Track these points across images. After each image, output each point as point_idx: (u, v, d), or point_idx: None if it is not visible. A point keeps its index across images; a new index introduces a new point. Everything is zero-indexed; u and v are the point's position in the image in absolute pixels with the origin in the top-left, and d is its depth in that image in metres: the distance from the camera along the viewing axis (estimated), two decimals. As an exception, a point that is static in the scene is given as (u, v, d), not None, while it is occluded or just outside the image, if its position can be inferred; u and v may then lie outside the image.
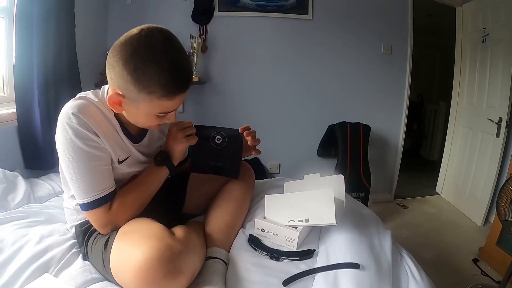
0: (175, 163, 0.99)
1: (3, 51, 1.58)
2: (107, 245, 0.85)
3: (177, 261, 0.73)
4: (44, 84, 1.57)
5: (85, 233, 0.96)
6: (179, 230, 0.83)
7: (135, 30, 0.79)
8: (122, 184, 0.98)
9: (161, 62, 0.76)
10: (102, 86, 0.94)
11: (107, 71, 0.83)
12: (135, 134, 0.98)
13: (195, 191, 1.16)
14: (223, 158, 1.03)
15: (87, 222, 0.96)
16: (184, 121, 0.97)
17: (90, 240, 0.93)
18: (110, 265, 0.81)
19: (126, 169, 0.97)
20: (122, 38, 0.80)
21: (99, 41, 2.35)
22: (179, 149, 0.97)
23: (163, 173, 0.98)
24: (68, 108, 0.83)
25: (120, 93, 0.81)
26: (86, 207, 0.86)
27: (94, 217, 0.88)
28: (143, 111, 0.84)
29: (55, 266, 0.88)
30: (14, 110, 1.52)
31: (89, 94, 0.91)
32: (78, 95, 0.90)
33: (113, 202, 0.89)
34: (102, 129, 0.87)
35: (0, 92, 1.63)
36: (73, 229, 1.02)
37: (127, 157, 0.96)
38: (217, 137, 1.01)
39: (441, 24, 3.56)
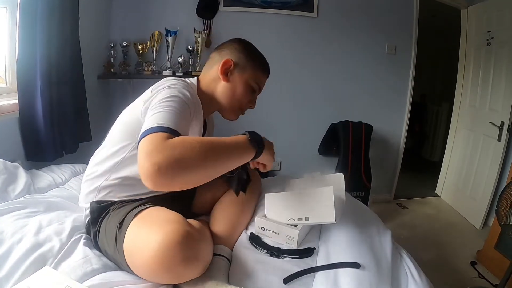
0: (260, 155, 0.89)
1: (6, 41, 1.56)
2: (122, 225, 0.85)
3: (196, 247, 0.74)
4: (47, 76, 1.56)
5: (102, 210, 0.96)
6: (194, 222, 0.85)
7: None
8: None
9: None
10: (189, 79, 1.06)
11: (222, 54, 1.09)
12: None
13: (204, 192, 1.18)
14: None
15: (106, 200, 0.98)
16: None
17: (105, 219, 0.94)
18: (124, 246, 0.81)
19: None
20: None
21: (103, 34, 2.33)
22: (267, 157, 0.94)
23: (244, 151, 0.83)
24: (171, 80, 0.94)
25: (233, 60, 1.05)
26: (151, 130, 0.72)
27: (148, 141, 0.70)
28: (246, 77, 1.08)
29: (54, 257, 0.87)
30: (16, 101, 1.51)
31: (183, 79, 1.01)
32: (176, 78, 0.98)
33: (178, 136, 0.73)
34: (193, 107, 0.92)
35: (2, 82, 1.62)
36: (88, 210, 1.00)
37: None
38: None
39: (446, 25, 3.55)
